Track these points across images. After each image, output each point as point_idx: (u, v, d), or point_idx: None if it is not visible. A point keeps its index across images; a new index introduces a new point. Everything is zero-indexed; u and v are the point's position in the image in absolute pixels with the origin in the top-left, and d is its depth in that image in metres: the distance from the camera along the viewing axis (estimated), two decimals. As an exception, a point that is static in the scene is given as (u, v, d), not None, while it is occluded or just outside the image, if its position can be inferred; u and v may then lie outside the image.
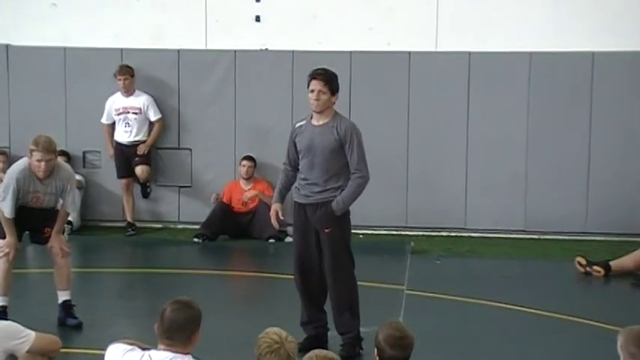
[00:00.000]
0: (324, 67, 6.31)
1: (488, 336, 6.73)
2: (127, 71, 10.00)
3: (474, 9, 9.96)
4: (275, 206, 6.31)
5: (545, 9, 9.92)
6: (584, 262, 8.53)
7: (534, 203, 9.97)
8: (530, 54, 9.85)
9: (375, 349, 3.97)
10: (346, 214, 6.19)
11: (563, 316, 7.15)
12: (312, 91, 6.09)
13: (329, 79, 6.10)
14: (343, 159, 6.09)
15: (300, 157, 6.19)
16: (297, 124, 6.29)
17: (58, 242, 6.75)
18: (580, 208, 9.91)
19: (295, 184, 6.25)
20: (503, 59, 9.88)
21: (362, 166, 6.09)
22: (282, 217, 6.28)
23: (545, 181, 9.95)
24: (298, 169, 6.24)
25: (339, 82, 6.24)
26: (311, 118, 6.20)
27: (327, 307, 6.35)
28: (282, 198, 6.37)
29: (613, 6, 9.81)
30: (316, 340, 6.11)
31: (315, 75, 6.13)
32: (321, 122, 6.12)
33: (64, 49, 10.27)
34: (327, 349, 5.84)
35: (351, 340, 6.19)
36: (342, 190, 6.08)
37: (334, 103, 6.16)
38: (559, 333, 6.85)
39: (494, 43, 9.85)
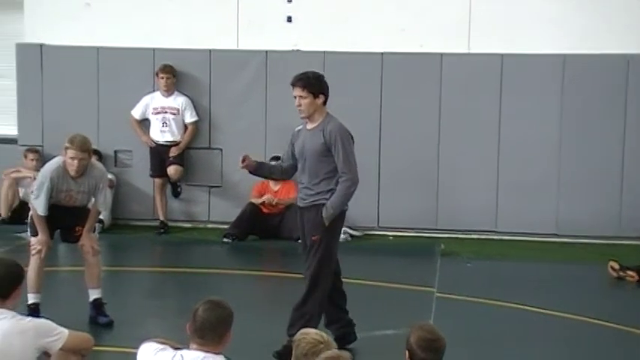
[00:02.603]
0: (305, 71, 6.19)
1: (518, 339, 6.67)
2: (170, 71, 10.06)
3: (507, 11, 9.90)
4: (250, 159, 6.20)
5: (579, 11, 9.83)
6: (617, 266, 8.44)
7: (566, 206, 9.88)
8: (564, 56, 9.77)
9: (407, 352, 3.94)
10: (336, 223, 6.08)
11: (596, 321, 7.08)
12: (294, 97, 6.04)
13: (307, 83, 6.00)
14: (333, 162, 6.00)
15: (298, 161, 6.17)
16: (296, 129, 6.25)
17: (88, 240, 6.79)
18: (613, 212, 9.81)
19: (246, 161, 6.22)
20: (536, 62, 9.81)
21: (348, 168, 5.98)
22: (247, 162, 6.16)
23: (577, 184, 9.86)
24: (290, 168, 6.26)
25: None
26: (307, 122, 6.15)
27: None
28: (264, 163, 6.46)
29: (648, 8, 9.72)
30: (342, 340, 6.06)
31: (294, 82, 6.06)
32: (311, 126, 6.07)
33: (97, 48, 10.34)
34: (350, 349, 5.83)
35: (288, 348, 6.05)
36: (332, 193, 5.99)
37: (323, 104, 6.05)
38: (591, 338, 6.79)
39: (527, 46, 9.78)
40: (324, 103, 6.08)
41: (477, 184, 9.98)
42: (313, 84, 6.02)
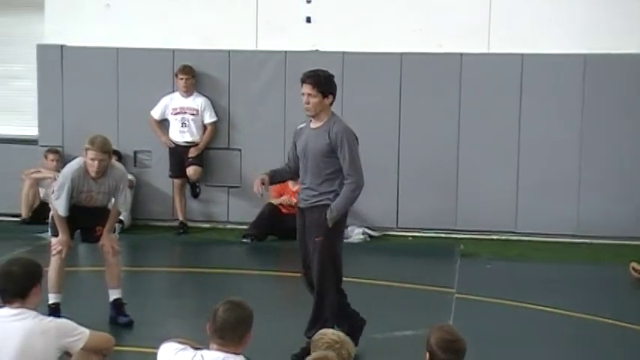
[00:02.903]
0: (317, 68, 6.15)
1: (539, 341, 6.64)
2: (189, 71, 10.09)
3: (527, 10, 9.85)
4: (262, 175, 6.14)
5: (600, 10, 9.76)
6: (638, 267, 8.38)
7: (587, 207, 9.81)
8: (585, 56, 9.71)
9: (427, 353, 3.93)
10: (339, 224, 6.05)
11: (617, 323, 7.03)
12: (303, 94, 5.98)
13: (318, 82, 5.95)
14: (336, 163, 5.94)
15: (299, 160, 6.11)
16: (299, 127, 6.21)
17: (109, 241, 6.82)
18: (635, 213, 9.72)
19: (261, 190, 6.12)
20: (557, 61, 9.75)
21: (353, 171, 5.94)
22: (264, 188, 6.08)
23: (598, 184, 9.80)
24: (296, 170, 6.18)
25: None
26: (310, 120, 6.10)
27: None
28: (273, 173, 6.22)
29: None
30: (357, 331, 6.07)
31: (304, 78, 6.00)
32: (316, 126, 6.01)
33: (117, 49, 10.38)
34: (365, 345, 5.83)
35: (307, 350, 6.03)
36: (335, 194, 5.94)
37: (330, 105, 6.01)
38: (612, 339, 6.75)
39: (547, 45, 9.72)
40: (332, 103, 6.04)
41: (496, 185, 9.93)
42: (323, 83, 5.97)
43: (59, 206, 6.58)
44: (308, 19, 10.21)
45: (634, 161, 9.75)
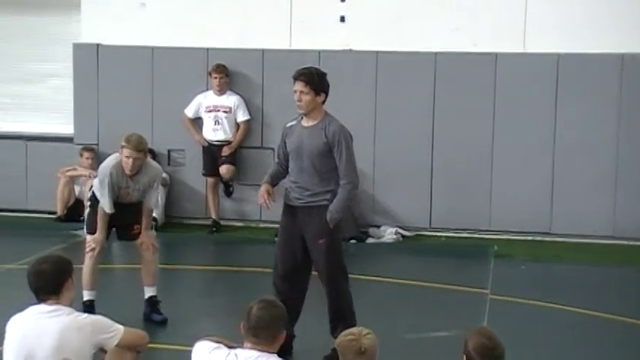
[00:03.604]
0: (309, 66, 6.13)
1: (573, 343, 6.58)
2: (223, 70, 10.12)
3: (564, 8, 9.74)
4: (265, 186, 6.10)
5: (637, 8, 9.63)
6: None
7: (623, 208, 9.70)
8: (622, 55, 9.59)
9: (464, 356, 3.89)
10: (339, 223, 6.01)
11: (654, 326, 6.95)
12: (295, 92, 5.94)
13: (310, 80, 5.91)
14: (332, 162, 5.90)
15: (290, 159, 6.03)
16: (288, 124, 6.14)
17: (148, 238, 6.86)
18: (672, 214, 9.62)
19: (285, 186, 6.08)
20: (594, 61, 9.64)
21: (350, 171, 5.90)
22: (272, 200, 6.04)
23: (635, 185, 9.67)
24: (287, 168, 6.11)
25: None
26: (301, 119, 6.05)
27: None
28: (271, 180, 6.15)
29: None
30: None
31: (297, 76, 5.96)
32: (309, 124, 5.96)
33: (152, 48, 10.44)
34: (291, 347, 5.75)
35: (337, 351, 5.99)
36: (332, 193, 5.90)
37: (323, 103, 5.97)
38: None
39: (584, 44, 9.60)
40: (324, 101, 6.00)
41: (531, 185, 9.85)
42: (316, 81, 5.94)
43: (104, 204, 6.62)
44: (342, 18, 10.19)
45: (672, 162, 9.63)
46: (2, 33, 11.18)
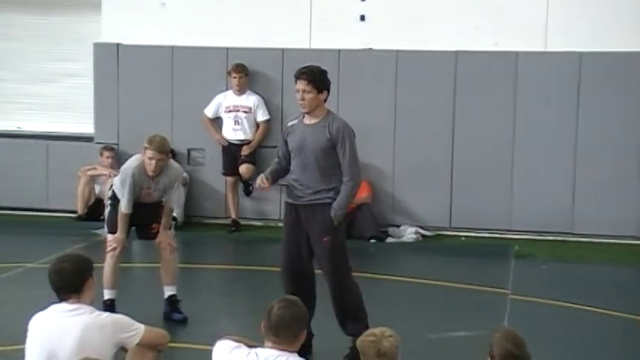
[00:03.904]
0: (310, 64, 6.09)
1: (594, 344, 6.53)
2: (243, 70, 10.12)
3: (585, 6, 9.67)
4: (262, 175, 6.07)
5: (661, 6, 9.57)
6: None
7: (646, 208, 9.63)
8: (646, 54, 9.53)
9: (489, 358, 3.84)
10: (342, 220, 6.01)
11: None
12: (297, 91, 5.91)
13: (312, 78, 5.89)
14: (335, 159, 5.89)
15: (292, 157, 6.01)
16: (290, 123, 6.12)
17: (166, 237, 6.87)
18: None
19: (287, 184, 6.06)
20: (616, 59, 9.56)
21: (353, 168, 5.90)
22: (266, 184, 5.96)
23: (659, 184, 9.60)
24: (288, 168, 6.08)
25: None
26: (303, 117, 6.02)
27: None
28: (271, 174, 6.09)
29: None
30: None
31: (298, 75, 5.93)
32: (312, 121, 5.94)
33: (172, 48, 10.46)
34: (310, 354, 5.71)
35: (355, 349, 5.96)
36: (335, 191, 5.89)
37: (324, 100, 5.96)
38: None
39: (606, 43, 9.53)
40: (326, 99, 6.00)
41: (553, 185, 9.79)
42: (318, 79, 5.93)
43: (123, 204, 6.64)
44: (362, 17, 10.17)
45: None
46: (23, 33, 11.23)
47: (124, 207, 6.65)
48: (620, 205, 9.66)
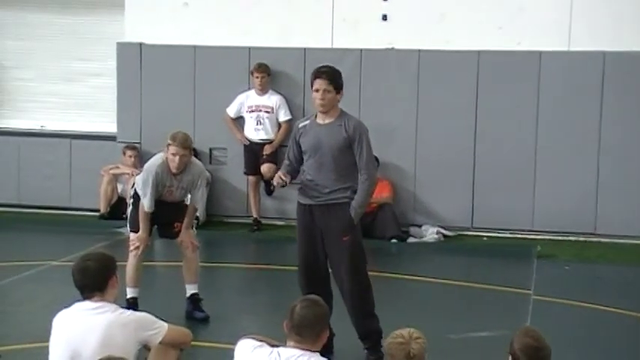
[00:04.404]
0: (328, 64, 6.10)
1: (617, 345, 6.49)
2: (265, 69, 10.14)
3: (609, 6, 9.61)
4: (279, 172, 6.04)
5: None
6: None
7: (671, 208, 9.55)
8: (669, 53, 9.45)
9: (510, 356, 3.85)
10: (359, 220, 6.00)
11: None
12: (317, 90, 5.88)
13: (333, 77, 5.89)
14: (351, 158, 5.89)
15: (305, 157, 5.99)
16: (301, 124, 6.07)
17: (188, 236, 6.89)
18: None
19: (300, 184, 6.01)
20: (640, 59, 9.51)
21: (370, 167, 5.90)
22: (287, 177, 5.93)
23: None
24: (299, 169, 6.07)
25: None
26: (315, 117, 6.01)
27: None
28: (288, 172, 6.05)
29: None
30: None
31: (319, 73, 5.92)
32: (326, 121, 5.92)
33: (194, 47, 10.49)
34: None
35: (375, 342, 5.93)
36: (351, 190, 5.89)
37: (339, 100, 5.96)
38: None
39: (631, 42, 9.47)
40: (340, 100, 6.00)
41: (575, 185, 9.73)
42: (338, 79, 5.94)
43: (145, 202, 6.67)
44: (384, 17, 10.15)
45: None
46: (47, 32, 11.31)
47: (146, 206, 6.68)
48: (644, 205, 9.59)
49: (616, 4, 9.62)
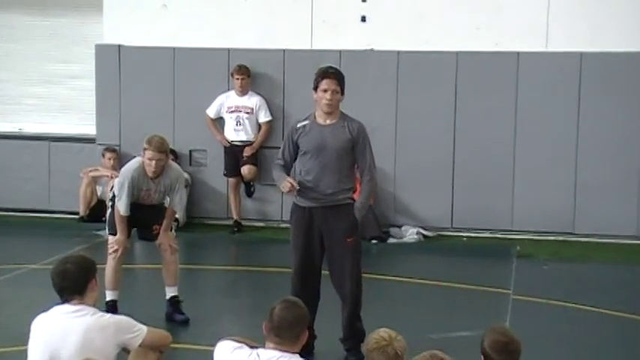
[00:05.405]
0: (333, 65, 6.16)
1: (596, 343, 6.54)
2: (245, 71, 10.14)
3: (587, 6, 9.67)
4: (288, 178, 5.94)
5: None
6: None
7: (648, 207, 9.63)
8: (646, 53, 9.53)
9: (482, 356, 3.88)
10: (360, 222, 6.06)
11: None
12: (325, 90, 5.88)
13: (341, 79, 5.95)
14: (352, 160, 5.95)
15: (306, 158, 5.97)
16: (300, 124, 6.03)
17: (166, 239, 6.88)
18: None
19: (297, 187, 5.91)
20: (617, 59, 9.56)
21: (372, 168, 5.98)
22: (296, 186, 5.88)
23: (660, 184, 9.61)
24: (291, 167, 6.09)
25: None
26: (314, 117, 6.00)
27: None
28: (283, 171, 6.03)
29: None
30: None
31: (328, 74, 5.94)
32: (329, 122, 5.93)
33: (173, 49, 10.47)
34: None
35: (357, 343, 5.96)
36: (352, 191, 5.98)
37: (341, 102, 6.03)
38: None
39: (608, 43, 9.53)
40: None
41: (554, 185, 9.79)
42: (343, 80, 6.00)
43: (121, 206, 6.66)
44: (363, 18, 10.18)
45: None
46: (24, 34, 11.26)
47: (121, 209, 6.66)
48: (622, 205, 9.66)
49: (593, 6, 9.69)
